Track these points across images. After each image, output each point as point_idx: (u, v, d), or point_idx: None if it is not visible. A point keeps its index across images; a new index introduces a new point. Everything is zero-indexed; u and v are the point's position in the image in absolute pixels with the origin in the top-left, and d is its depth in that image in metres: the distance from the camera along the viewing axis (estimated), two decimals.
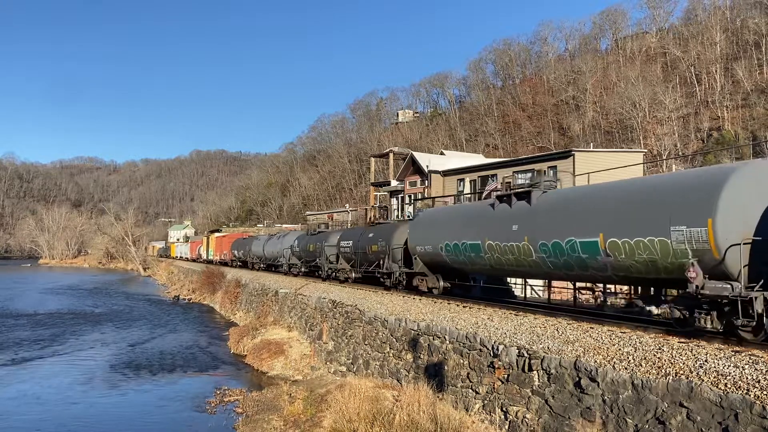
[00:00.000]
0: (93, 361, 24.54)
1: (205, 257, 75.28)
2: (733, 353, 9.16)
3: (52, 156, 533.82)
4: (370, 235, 25.78)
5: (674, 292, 12.51)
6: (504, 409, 11.53)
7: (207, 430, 15.51)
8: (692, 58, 76.65)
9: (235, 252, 54.24)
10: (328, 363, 20.71)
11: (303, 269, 35.06)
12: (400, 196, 47.78)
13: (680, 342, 10.21)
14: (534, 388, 11.00)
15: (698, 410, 8.16)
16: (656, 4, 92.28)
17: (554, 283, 19.69)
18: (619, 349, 10.25)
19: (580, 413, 9.88)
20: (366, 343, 18.39)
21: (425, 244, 20.19)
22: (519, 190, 15.86)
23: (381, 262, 24.02)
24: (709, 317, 10.81)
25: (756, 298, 9.87)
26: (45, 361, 24.42)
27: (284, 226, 75.22)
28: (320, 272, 31.07)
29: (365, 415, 12.34)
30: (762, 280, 9.92)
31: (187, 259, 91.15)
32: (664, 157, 63.74)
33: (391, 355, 16.63)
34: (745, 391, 7.79)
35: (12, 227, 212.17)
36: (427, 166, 43.16)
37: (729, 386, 8.02)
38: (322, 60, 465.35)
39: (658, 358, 9.48)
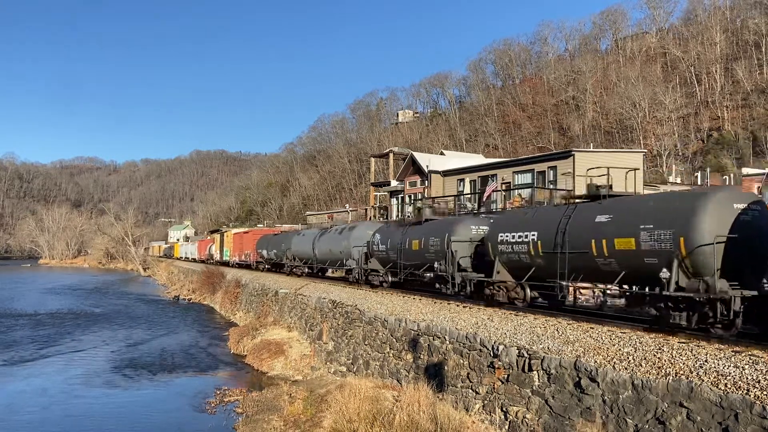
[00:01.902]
0: (93, 361, 24.54)
1: (218, 258, 65.06)
2: (733, 353, 9.16)
3: (52, 156, 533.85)
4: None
5: None
6: (504, 409, 11.53)
7: (207, 430, 15.51)
8: (692, 58, 76.63)
9: (264, 252, 43.66)
10: (328, 363, 20.71)
11: (391, 278, 23.72)
12: (400, 196, 47.79)
13: (680, 342, 10.21)
14: (534, 388, 11.00)
15: (698, 410, 8.16)
16: (656, 4, 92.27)
17: None
18: (619, 350, 10.25)
19: (580, 413, 9.88)
20: (366, 343, 18.39)
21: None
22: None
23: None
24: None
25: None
26: (45, 361, 24.42)
27: (284, 226, 71.18)
28: (446, 287, 18.94)
29: (365, 416, 12.34)
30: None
31: (194, 261, 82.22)
32: (665, 158, 63.81)
33: (391, 355, 16.64)
34: (745, 392, 7.79)
35: (12, 227, 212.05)
36: (427, 167, 43.18)
37: (729, 386, 8.03)
38: (322, 60, 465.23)
39: (658, 358, 9.48)
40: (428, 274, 20.52)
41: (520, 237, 15.43)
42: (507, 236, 15.89)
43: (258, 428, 14.47)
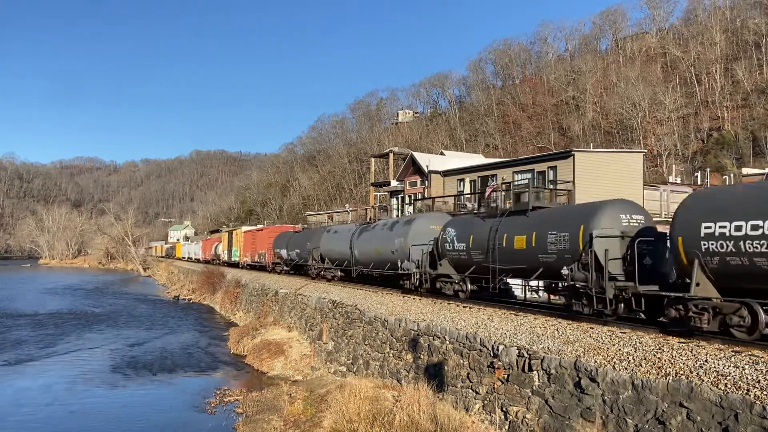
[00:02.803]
0: (93, 361, 24.54)
1: (226, 258, 59.74)
2: (733, 353, 9.16)
3: (52, 156, 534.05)
4: None
5: None
6: (504, 409, 11.53)
7: (207, 430, 15.51)
8: (692, 58, 76.64)
9: (283, 252, 37.95)
10: (328, 363, 20.70)
11: (471, 286, 18.97)
12: (400, 196, 47.80)
13: (680, 342, 10.21)
14: (534, 388, 11.00)
15: (698, 410, 8.16)
16: (656, 4, 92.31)
17: None
18: (619, 350, 10.25)
19: (580, 413, 9.88)
20: (366, 343, 18.39)
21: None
22: None
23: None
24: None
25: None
26: (45, 362, 24.42)
27: (284, 226, 68.10)
28: (588, 306, 13.67)
29: (365, 416, 12.34)
30: None
31: (197, 261, 77.70)
32: (665, 158, 63.82)
33: (391, 355, 16.64)
34: (745, 392, 7.79)
35: (12, 227, 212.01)
36: (427, 167, 43.18)
37: (729, 386, 8.03)
38: (322, 60, 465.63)
39: (658, 358, 9.48)
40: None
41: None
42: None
43: (258, 428, 14.46)
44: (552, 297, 17.90)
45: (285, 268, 38.40)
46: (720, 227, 10.21)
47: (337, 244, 29.50)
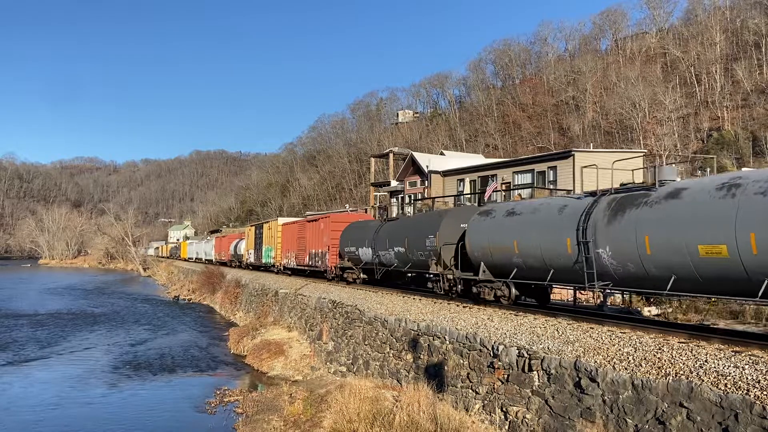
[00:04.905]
0: (93, 362, 24.54)
1: (251, 260, 47.92)
2: (733, 353, 9.16)
3: (52, 156, 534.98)
4: None
5: None
6: (504, 409, 11.53)
7: (207, 430, 15.52)
8: (692, 58, 76.62)
9: (362, 251, 25.45)
10: (328, 363, 20.70)
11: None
12: (400, 196, 47.79)
13: (680, 342, 10.21)
14: (534, 388, 11.00)
15: (698, 410, 8.16)
16: (656, 5, 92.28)
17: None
18: (619, 350, 10.25)
19: (581, 413, 9.88)
20: (366, 343, 18.38)
21: None
22: None
23: None
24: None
25: None
26: (45, 362, 24.42)
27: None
28: None
29: (365, 416, 12.33)
30: None
31: (209, 263, 66.77)
32: (665, 158, 63.78)
33: (391, 355, 16.63)
34: (745, 392, 7.79)
35: (12, 227, 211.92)
36: (427, 167, 43.19)
37: (729, 386, 8.02)
38: (322, 60, 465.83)
39: (658, 358, 9.48)
40: None
41: None
42: None
43: (258, 428, 14.46)
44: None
45: (362, 276, 26.14)
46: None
47: (520, 235, 15.17)
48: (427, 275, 21.68)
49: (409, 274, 23.56)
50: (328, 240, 29.82)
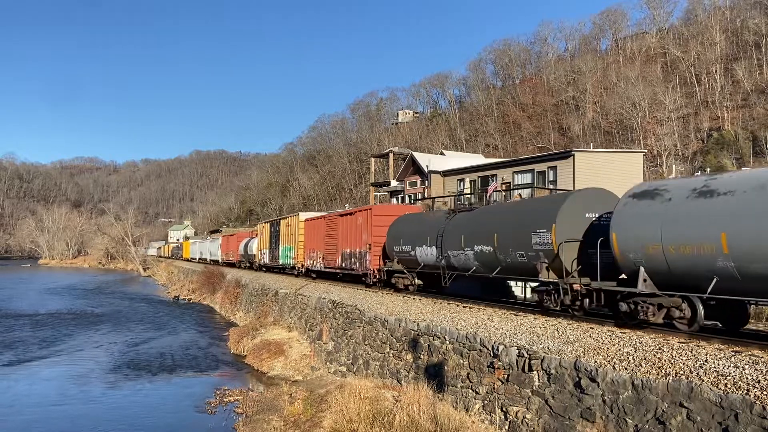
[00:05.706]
0: (93, 362, 24.53)
1: (265, 260, 43.14)
2: (733, 353, 9.15)
3: (52, 156, 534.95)
4: None
5: None
6: (504, 409, 11.53)
7: (207, 430, 15.52)
8: (692, 58, 76.59)
9: (420, 250, 20.35)
10: (328, 363, 20.70)
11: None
12: (400, 196, 47.80)
13: (680, 342, 10.20)
14: (534, 388, 11.00)
15: (698, 410, 8.16)
16: (656, 5, 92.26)
17: None
18: (619, 350, 10.25)
19: (581, 413, 9.88)
20: (366, 343, 18.38)
21: None
22: None
23: None
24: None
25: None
26: (45, 362, 24.41)
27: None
28: None
29: (365, 416, 12.33)
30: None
31: (215, 263, 62.94)
32: (665, 158, 63.79)
33: (391, 355, 16.63)
34: (745, 392, 7.79)
35: (12, 227, 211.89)
36: (427, 167, 43.19)
37: (729, 386, 8.02)
38: (322, 60, 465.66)
39: (658, 358, 9.48)
40: None
41: None
42: None
43: (258, 428, 14.46)
44: None
45: (416, 281, 21.50)
46: None
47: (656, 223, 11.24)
48: (531, 284, 17.12)
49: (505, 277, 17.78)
50: (369, 237, 24.41)
